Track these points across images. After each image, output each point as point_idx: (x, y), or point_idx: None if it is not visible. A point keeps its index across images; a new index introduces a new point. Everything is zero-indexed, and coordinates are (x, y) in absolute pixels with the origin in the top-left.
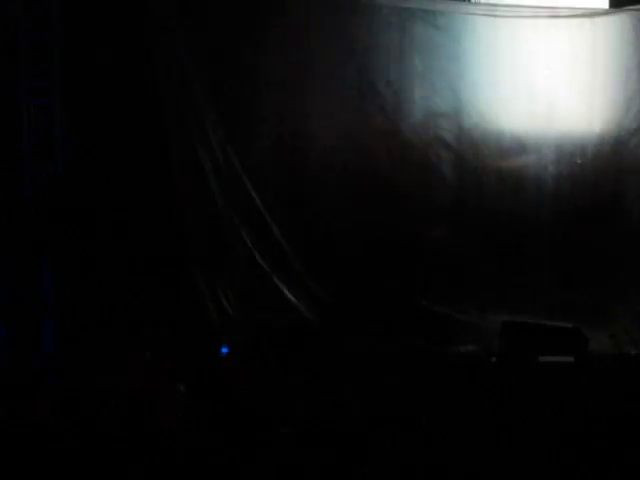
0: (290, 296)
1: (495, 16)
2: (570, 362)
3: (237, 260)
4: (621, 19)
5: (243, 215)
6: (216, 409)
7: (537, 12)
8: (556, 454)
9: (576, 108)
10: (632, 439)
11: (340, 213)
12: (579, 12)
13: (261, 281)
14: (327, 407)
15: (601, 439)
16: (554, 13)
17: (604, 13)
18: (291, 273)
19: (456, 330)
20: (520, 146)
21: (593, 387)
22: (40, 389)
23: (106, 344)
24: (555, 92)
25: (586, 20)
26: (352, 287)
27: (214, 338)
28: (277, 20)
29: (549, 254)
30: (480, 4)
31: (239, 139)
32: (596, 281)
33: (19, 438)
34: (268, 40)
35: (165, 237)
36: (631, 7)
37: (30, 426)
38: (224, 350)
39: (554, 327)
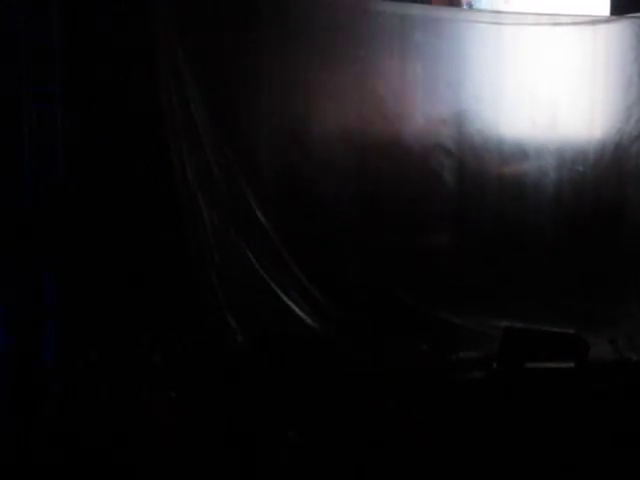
0: (292, 305)
1: (498, 24)
2: (570, 368)
3: (239, 270)
4: (622, 26)
5: (243, 227)
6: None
7: (540, 20)
8: (556, 459)
9: (578, 115)
10: (632, 444)
11: (341, 220)
12: (581, 20)
13: (262, 291)
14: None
15: (602, 445)
16: (556, 21)
17: (606, 21)
18: (293, 282)
19: (457, 336)
20: (521, 152)
21: (594, 393)
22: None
23: (109, 352)
24: (557, 99)
25: (588, 27)
26: (355, 295)
27: (218, 344)
28: (277, 24)
29: (550, 260)
30: (483, 12)
31: (237, 147)
32: (597, 287)
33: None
34: (267, 43)
35: (169, 244)
36: (632, 15)
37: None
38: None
39: (555, 333)
